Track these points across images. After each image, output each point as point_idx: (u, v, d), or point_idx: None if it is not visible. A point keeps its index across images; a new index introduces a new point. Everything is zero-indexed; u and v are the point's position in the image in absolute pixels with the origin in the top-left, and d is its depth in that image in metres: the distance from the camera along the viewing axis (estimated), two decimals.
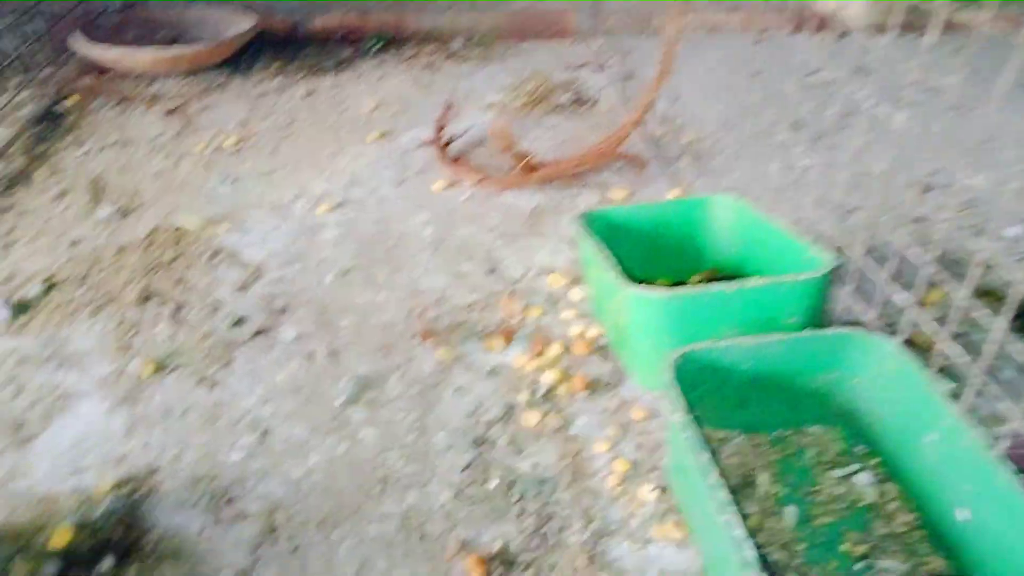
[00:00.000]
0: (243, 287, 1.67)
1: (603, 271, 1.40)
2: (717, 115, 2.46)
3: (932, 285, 1.60)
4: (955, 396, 1.27)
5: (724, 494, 0.95)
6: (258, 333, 1.55)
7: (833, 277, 1.33)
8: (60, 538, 1.13)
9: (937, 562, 1.05)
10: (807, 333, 1.19)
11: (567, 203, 2.05)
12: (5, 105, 2.11)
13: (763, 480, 1.20)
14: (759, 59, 2.89)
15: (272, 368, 1.48)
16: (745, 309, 1.27)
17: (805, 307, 1.30)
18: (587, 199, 2.07)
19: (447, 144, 2.22)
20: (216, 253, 1.76)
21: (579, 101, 2.60)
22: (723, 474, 1.20)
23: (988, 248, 1.79)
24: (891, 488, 1.16)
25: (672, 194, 2.10)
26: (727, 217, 1.65)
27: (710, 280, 1.68)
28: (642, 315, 1.29)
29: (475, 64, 2.83)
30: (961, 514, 1.03)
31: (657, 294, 1.25)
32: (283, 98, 2.47)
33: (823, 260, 1.33)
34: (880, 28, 2.85)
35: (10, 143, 2.06)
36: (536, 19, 3.11)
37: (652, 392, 1.43)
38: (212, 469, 1.28)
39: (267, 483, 1.26)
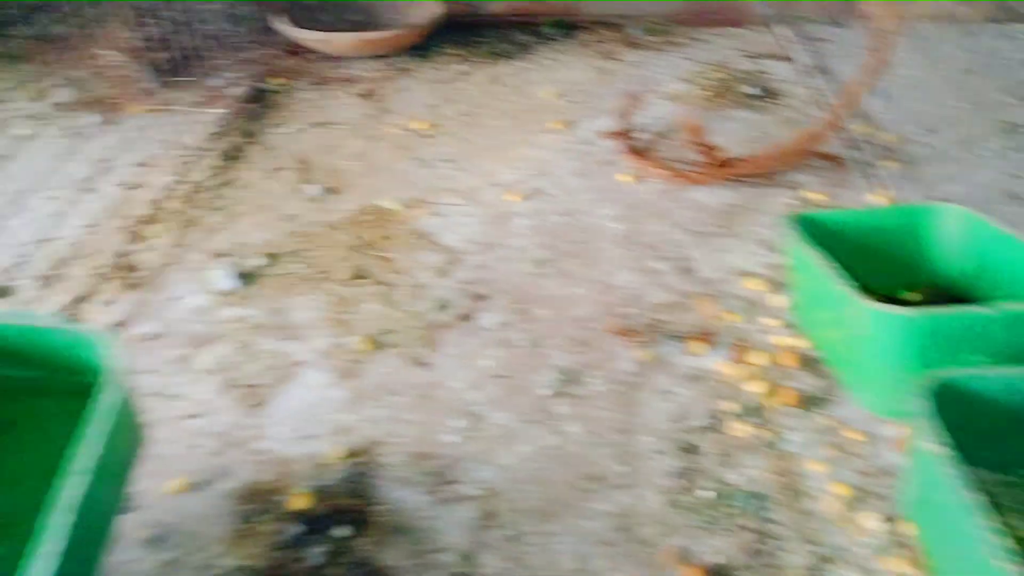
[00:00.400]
0: (443, 272, 1.71)
1: (825, 281, 1.33)
2: (920, 114, 2.28)
3: None
4: None
5: (1006, 542, 0.88)
6: (462, 318, 1.59)
7: None
8: (300, 501, 1.20)
9: None
10: None
11: (760, 203, 1.97)
12: (224, 86, 2.26)
13: (1017, 524, 1.10)
14: (965, 54, 2.65)
15: (477, 353, 1.51)
16: (1004, 335, 1.17)
17: None
18: (780, 199, 1.97)
19: (632, 136, 2.18)
20: (417, 236, 1.82)
21: (765, 94, 2.48)
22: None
23: None
24: None
25: (873, 200, 1.97)
26: (956, 230, 1.52)
27: (927, 298, 1.57)
28: (882, 333, 1.21)
29: (653, 52, 2.77)
30: None
31: (903, 312, 1.17)
32: (467, 84, 2.51)
33: None
34: None
35: (227, 121, 2.21)
36: (715, 5, 3.00)
37: (878, 416, 1.34)
38: (430, 448, 1.32)
39: (482, 468, 1.29)
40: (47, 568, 0.77)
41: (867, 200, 1.97)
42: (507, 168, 2.09)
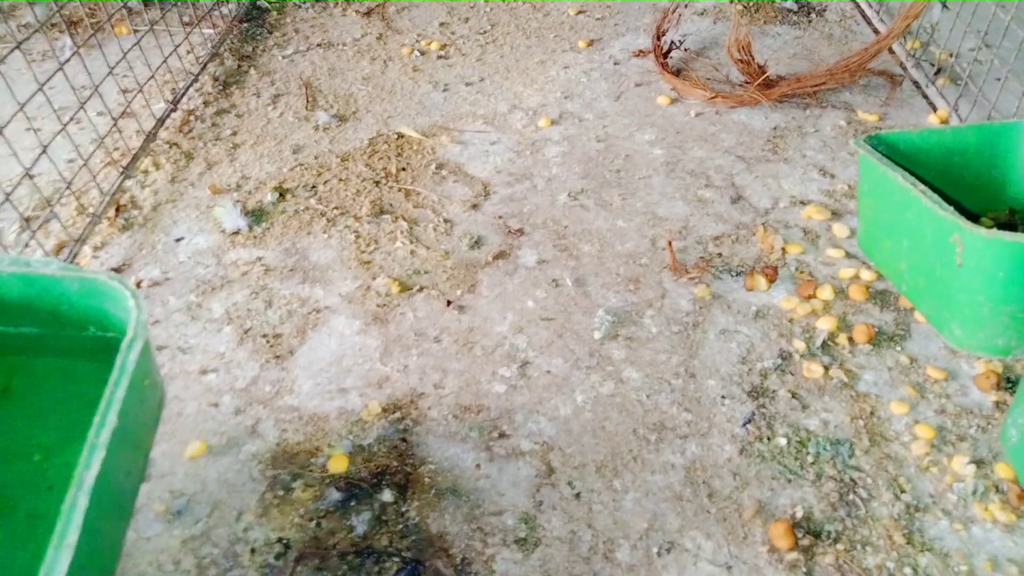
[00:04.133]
0: (474, 205, 1.55)
1: (912, 206, 1.19)
2: (973, 28, 2.10)
3: None
4: None
5: None
6: (498, 256, 1.44)
7: None
8: (337, 464, 1.08)
9: None
10: None
11: (810, 125, 1.81)
12: (213, 4, 2.03)
13: None
14: None
15: (519, 294, 1.37)
16: None
17: None
18: (831, 120, 1.81)
19: (667, 54, 1.99)
20: (440, 166, 1.65)
21: (805, 8, 2.28)
22: None
23: None
24: None
25: (932, 119, 1.81)
26: None
27: (1008, 221, 1.43)
28: (988, 263, 1.08)
29: None
30: None
31: (1015, 239, 1.03)
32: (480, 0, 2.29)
33: None
34: None
35: (219, 42, 1.99)
36: None
37: (970, 351, 1.22)
38: (477, 400, 1.19)
39: (536, 420, 1.17)
40: (65, 557, 0.64)
41: (924, 121, 1.82)
42: (533, 91, 1.90)
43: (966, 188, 1.44)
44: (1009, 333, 1.16)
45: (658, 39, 2.01)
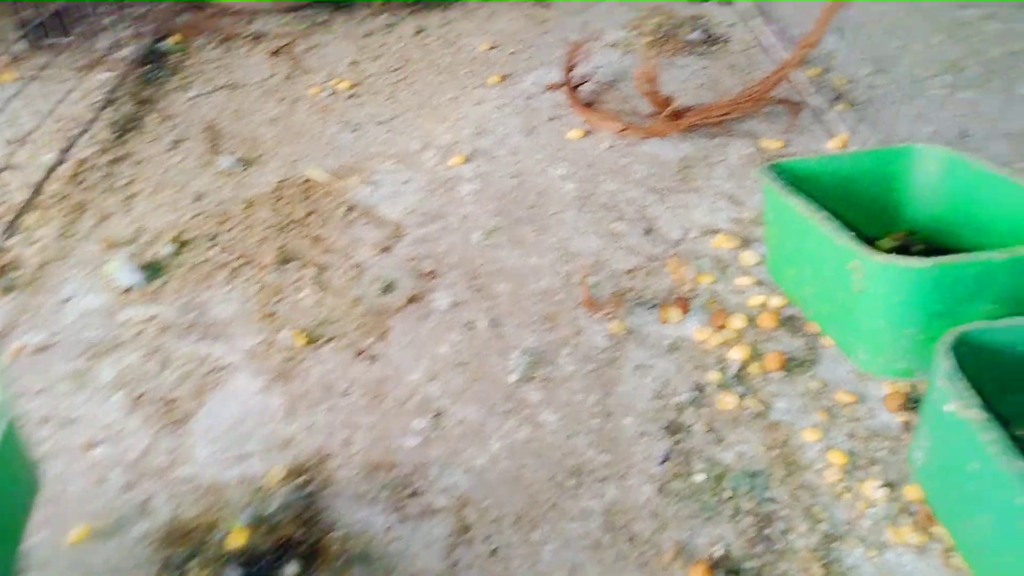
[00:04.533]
0: (385, 248, 1.51)
1: (813, 233, 1.21)
2: (867, 54, 2.20)
3: None
4: None
5: None
6: (411, 300, 1.40)
7: None
8: (237, 538, 1.01)
9: None
10: None
11: (716, 153, 1.84)
12: (110, 47, 1.95)
13: None
14: None
15: (432, 339, 1.33)
16: (1011, 281, 1.07)
17: None
18: (737, 149, 1.85)
19: (578, 87, 2.01)
20: (350, 208, 1.61)
21: (710, 39, 2.35)
22: None
23: None
24: None
25: (832, 144, 1.87)
26: (933, 170, 1.43)
27: (904, 243, 1.48)
28: (886, 288, 1.10)
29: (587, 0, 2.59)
30: None
31: (911, 264, 1.06)
32: (392, 37, 2.27)
33: None
34: None
35: (117, 87, 1.91)
36: None
37: (874, 374, 1.25)
38: (388, 456, 1.14)
39: (450, 473, 1.13)
40: None
41: (826, 146, 1.88)
42: (445, 128, 1.88)
43: (865, 211, 1.48)
44: (911, 356, 1.19)
45: (569, 73, 2.03)
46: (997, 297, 1.10)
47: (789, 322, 1.39)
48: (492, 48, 2.22)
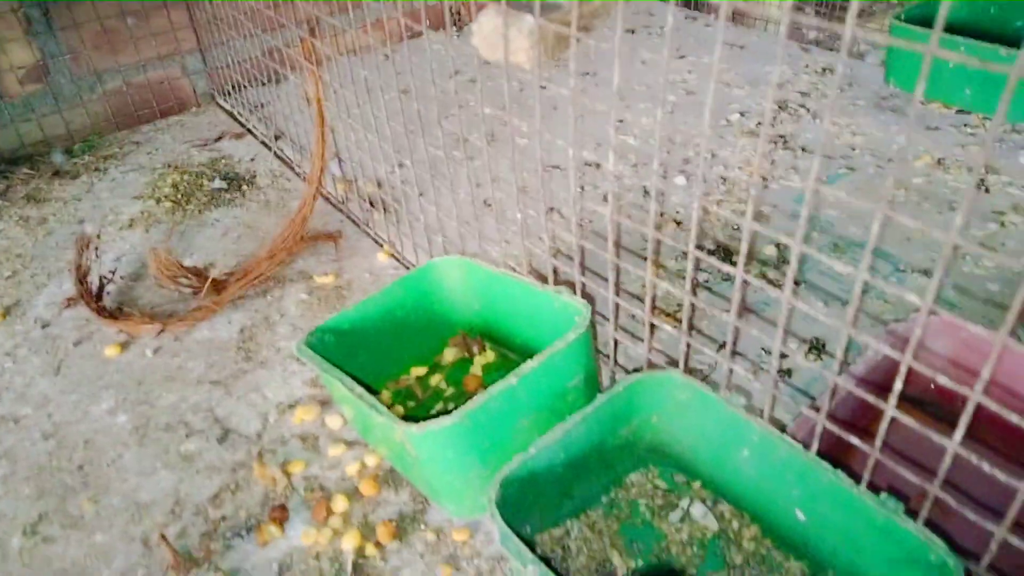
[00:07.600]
0: None
1: (362, 408, 1.20)
2: (380, 151, 2.33)
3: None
4: (751, 407, 1.33)
5: None
6: None
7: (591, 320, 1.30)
8: None
9: (794, 565, 1.09)
10: (601, 400, 1.14)
11: (274, 312, 1.77)
12: None
13: (616, 559, 1.14)
14: (403, 70, 2.80)
15: None
16: (531, 392, 1.18)
17: (581, 363, 1.25)
18: (293, 297, 1.81)
19: (99, 293, 1.77)
20: None
21: (234, 182, 2.27)
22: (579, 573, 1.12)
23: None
24: (725, 508, 1.17)
25: (381, 258, 1.94)
26: (456, 278, 1.54)
27: (464, 344, 1.58)
28: (431, 449, 1.13)
29: (90, 175, 2.33)
30: (800, 515, 1.07)
31: (440, 425, 1.09)
32: None
33: (575, 306, 1.29)
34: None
35: None
36: (144, 94, 2.65)
37: (470, 517, 1.28)
38: None
39: None
40: None
41: (376, 261, 1.93)
42: None
43: (422, 331, 1.54)
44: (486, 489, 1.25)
45: (82, 281, 1.78)
46: (526, 408, 1.20)
47: (389, 478, 1.37)
48: None
